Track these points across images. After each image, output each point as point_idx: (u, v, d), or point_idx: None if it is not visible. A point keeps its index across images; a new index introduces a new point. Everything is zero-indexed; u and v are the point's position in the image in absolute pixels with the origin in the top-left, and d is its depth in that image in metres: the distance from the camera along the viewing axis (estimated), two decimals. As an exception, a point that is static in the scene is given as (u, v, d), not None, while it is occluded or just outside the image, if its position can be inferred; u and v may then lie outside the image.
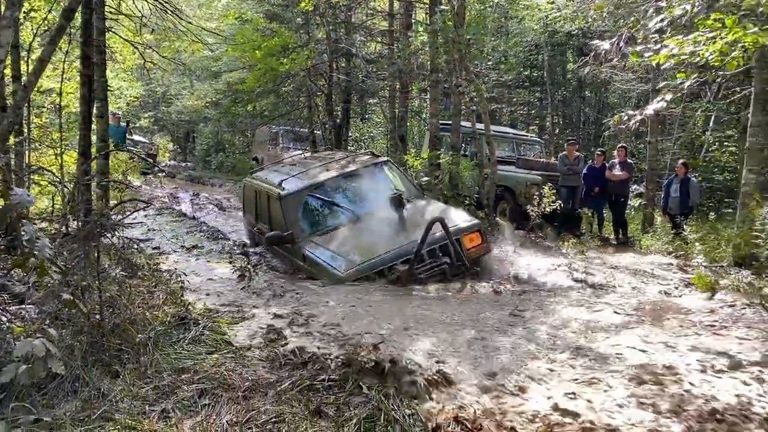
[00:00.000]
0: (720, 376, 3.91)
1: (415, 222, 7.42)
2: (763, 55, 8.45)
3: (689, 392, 3.63)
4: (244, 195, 9.95)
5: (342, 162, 8.68)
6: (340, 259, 6.88)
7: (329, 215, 7.86)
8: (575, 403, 3.47)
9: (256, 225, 9.00)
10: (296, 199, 7.76)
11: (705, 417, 3.32)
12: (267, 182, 8.52)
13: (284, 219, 7.62)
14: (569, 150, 12.09)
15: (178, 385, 3.63)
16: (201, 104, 20.44)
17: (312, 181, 8.03)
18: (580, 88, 22.24)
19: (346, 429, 3.13)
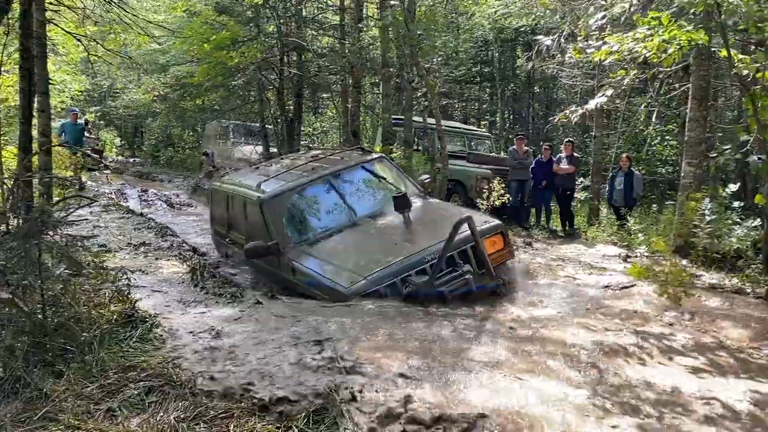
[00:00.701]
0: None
1: (425, 225, 6.48)
2: (700, 53, 8.79)
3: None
4: (212, 201, 8.81)
5: (329, 160, 7.69)
6: (340, 272, 5.78)
7: (320, 220, 6.80)
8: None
9: (227, 236, 7.95)
10: (279, 203, 6.71)
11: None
12: (242, 185, 7.51)
13: (266, 227, 6.55)
14: (518, 144, 12.33)
15: (125, 383, 3.59)
16: (148, 98, 19.99)
17: (297, 181, 6.95)
18: (529, 84, 22.66)
19: (294, 423, 3.16)
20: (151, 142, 29.71)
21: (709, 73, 9.66)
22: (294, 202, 6.87)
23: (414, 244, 5.99)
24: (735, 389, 3.87)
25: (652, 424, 3.33)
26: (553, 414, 3.29)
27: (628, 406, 3.53)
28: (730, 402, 3.66)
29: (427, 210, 6.93)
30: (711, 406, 3.60)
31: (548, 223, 12.31)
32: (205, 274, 6.47)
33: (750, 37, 5.83)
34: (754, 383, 4.02)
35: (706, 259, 8.14)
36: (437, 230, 6.03)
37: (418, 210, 6.74)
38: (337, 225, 6.65)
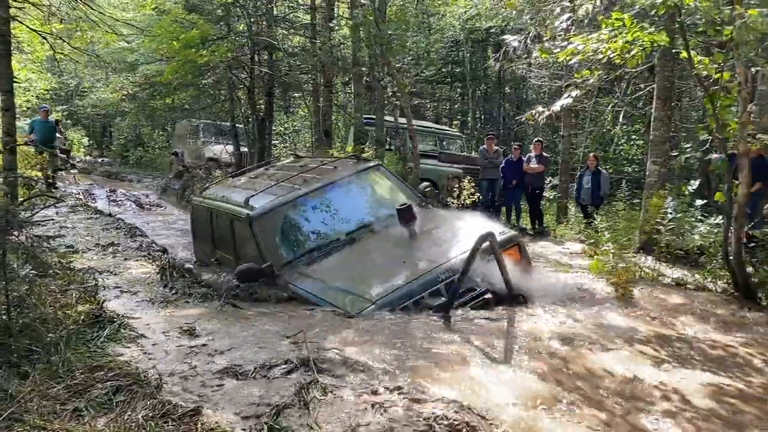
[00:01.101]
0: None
1: (433, 238, 5.90)
2: (664, 54, 9.01)
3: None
4: (194, 219, 8.19)
5: (321, 170, 7.06)
6: (345, 296, 5.21)
7: (317, 237, 6.24)
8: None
9: (214, 256, 7.36)
10: (271, 220, 6.17)
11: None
12: (227, 201, 6.91)
13: (258, 247, 6.03)
14: (489, 144, 12.47)
15: (92, 383, 3.56)
16: (117, 97, 19.71)
17: (289, 195, 6.40)
18: (500, 85, 22.88)
19: (264, 410, 3.18)
20: (120, 141, 29.31)
21: (673, 73, 9.90)
22: (287, 219, 6.30)
23: (424, 262, 5.44)
24: (693, 380, 4.00)
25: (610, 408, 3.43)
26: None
27: (588, 393, 3.63)
28: (688, 393, 3.78)
29: (433, 221, 6.33)
30: (669, 397, 3.72)
31: (518, 222, 12.47)
32: (175, 273, 6.41)
33: (711, 39, 5.99)
34: (711, 375, 4.16)
35: (670, 256, 8.34)
36: (448, 244, 5.61)
37: (422, 222, 6.16)
38: (334, 242, 6.14)
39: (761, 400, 3.95)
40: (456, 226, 6.16)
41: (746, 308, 5.72)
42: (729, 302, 6.01)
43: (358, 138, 12.76)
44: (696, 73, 5.85)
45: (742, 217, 5.89)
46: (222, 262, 7.05)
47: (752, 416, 3.68)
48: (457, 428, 3.11)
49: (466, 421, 3.15)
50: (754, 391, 4.08)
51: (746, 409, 3.77)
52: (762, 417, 3.68)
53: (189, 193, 15.86)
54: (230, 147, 17.17)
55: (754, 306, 5.77)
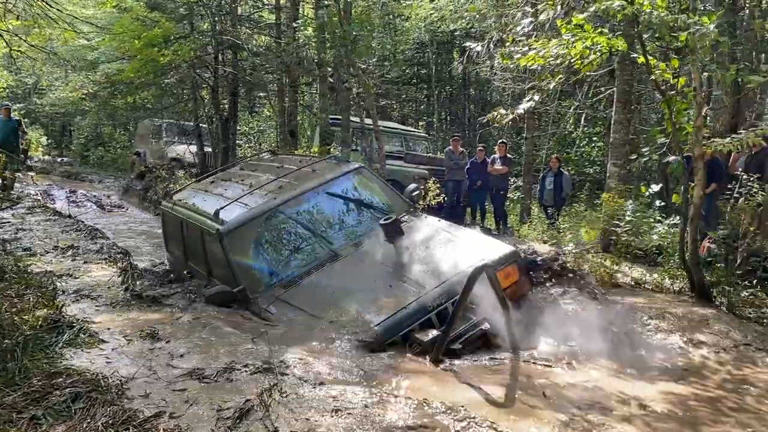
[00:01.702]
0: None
1: (424, 256, 5.30)
2: (624, 59, 9.21)
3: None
4: (165, 226, 7.59)
5: (297, 174, 6.30)
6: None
7: (295, 254, 5.64)
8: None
9: (186, 267, 6.80)
10: (243, 236, 5.57)
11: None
12: (196, 211, 6.26)
13: (229, 266, 5.46)
14: (454, 145, 12.58)
15: (50, 390, 3.49)
16: (77, 96, 19.25)
17: (263, 206, 5.75)
18: (465, 86, 23.08)
19: (226, 414, 3.17)
20: (80, 141, 28.63)
21: (632, 77, 10.14)
22: (261, 233, 5.68)
23: (414, 286, 4.92)
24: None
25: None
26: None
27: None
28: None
29: (424, 236, 5.64)
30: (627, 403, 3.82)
31: (482, 222, 12.60)
32: (136, 276, 6.31)
33: (667, 45, 6.16)
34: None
35: (629, 255, 8.54)
36: (440, 264, 5.12)
37: (413, 236, 5.57)
38: (315, 258, 5.56)
39: (715, 399, 4.09)
40: (449, 240, 5.53)
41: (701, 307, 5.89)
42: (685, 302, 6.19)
43: (324, 139, 12.73)
44: (653, 78, 6.00)
45: (698, 219, 6.07)
46: (194, 275, 6.54)
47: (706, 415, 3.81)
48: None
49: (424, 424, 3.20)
50: (708, 392, 4.23)
51: (700, 409, 3.90)
52: (715, 416, 3.81)
53: (152, 194, 15.61)
54: (194, 147, 16.95)
55: (709, 305, 5.93)
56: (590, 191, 14.64)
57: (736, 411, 3.94)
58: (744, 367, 4.75)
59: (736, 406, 4.02)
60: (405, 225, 5.64)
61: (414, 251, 5.38)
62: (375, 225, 5.72)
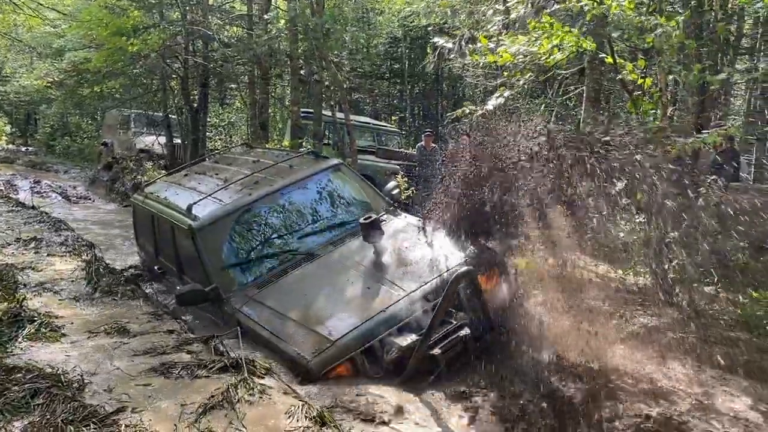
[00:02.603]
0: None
1: (403, 258, 5.10)
2: (593, 58, 9.32)
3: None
4: (136, 219, 7.34)
5: (274, 170, 6.12)
6: (301, 333, 4.48)
7: (270, 253, 5.43)
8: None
9: (157, 263, 6.60)
10: (216, 232, 5.33)
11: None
12: (168, 205, 6.06)
13: (202, 264, 5.24)
14: (426, 141, 12.59)
15: (8, 385, 3.43)
16: (42, 84, 18.77)
17: (237, 202, 5.55)
18: (437, 82, 23.12)
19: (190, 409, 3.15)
20: (45, 130, 27.95)
21: (601, 76, 10.26)
22: (235, 230, 5.44)
23: (392, 289, 4.72)
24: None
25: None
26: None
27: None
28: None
29: (403, 234, 5.44)
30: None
31: (453, 218, 12.66)
32: (101, 270, 6.21)
33: (635, 45, 6.25)
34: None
35: (595, 252, 8.66)
36: (421, 267, 4.91)
37: (391, 235, 5.34)
38: (291, 258, 5.36)
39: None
40: (429, 241, 5.24)
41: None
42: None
43: (296, 132, 12.65)
44: (621, 77, 6.09)
45: (662, 217, 6.17)
46: (165, 271, 6.36)
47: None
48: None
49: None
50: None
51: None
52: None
53: (119, 185, 15.36)
54: (163, 138, 16.70)
55: (671, 304, 6.05)
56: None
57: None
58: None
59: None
60: (384, 224, 5.35)
61: (393, 252, 5.15)
62: (353, 224, 5.54)
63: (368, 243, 5.11)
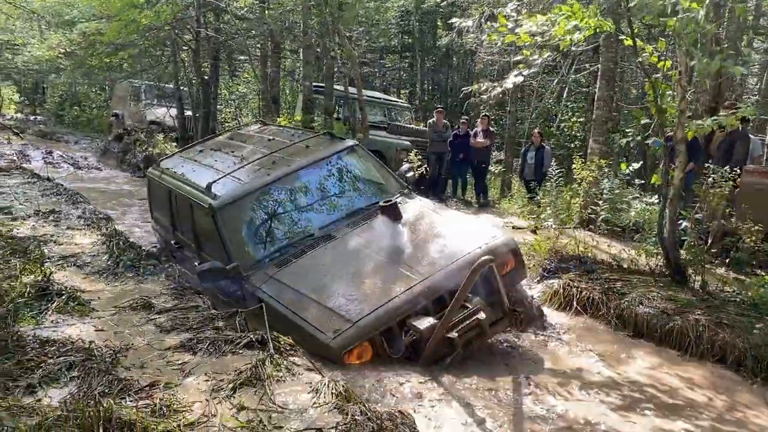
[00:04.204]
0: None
1: (421, 241, 5.18)
2: (609, 37, 9.27)
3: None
4: (151, 193, 7.42)
5: (291, 150, 6.18)
6: (322, 313, 4.55)
7: (289, 232, 5.51)
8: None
9: (174, 237, 6.70)
10: (237, 212, 5.43)
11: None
12: (187, 182, 6.10)
13: (222, 242, 5.30)
14: (438, 117, 12.58)
15: (44, 358, 3.54)
16: (53, 54, 18.73)
17: (256, 182, 5.61)
18: (448, 56, 22.96)
19: (223, 388, 3.25)
20: (54, 99, 27.96)
21: (617, 55, 10.21)
22: (255, 210, 5.55)
23: (411, 272, 4.78)
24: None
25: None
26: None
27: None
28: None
29: (421, 220, 5.53)
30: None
31: (464, 195, 12.71)
32: (122, 243, 6.31)
33: (654, 27, 6.22)
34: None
35: (607, 231, 8.73)
36: (440, 251, 5.02)
37: (409, 220, 5.44)
38: (310, 238, 5.41)
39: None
40: (446, 227, 5.41)
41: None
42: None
43: (307, 107, 12.65)
44: (639, 60, 6.08)
45: (677, 200, 6.22)
46: (182, 245, 6.45)
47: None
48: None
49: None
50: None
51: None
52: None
53: (130, 156, 15.42)
54: (174, 110, 16.72)
55: (684, 285, 6.11)
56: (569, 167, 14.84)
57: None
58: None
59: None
60: (401, 207, 5.46)
61: (411, 235, 5.23)
62: (371, 206, 5.63)
63: (386, 226, 5.23)
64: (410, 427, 3.14)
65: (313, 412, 3.06)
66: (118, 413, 2.76)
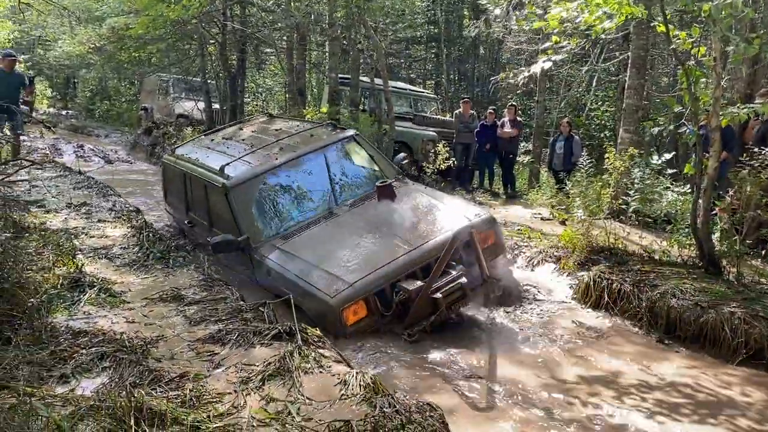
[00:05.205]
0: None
1: (412, 218, 5.85)
2: (640, 23, 9.07)
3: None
4: (166, 178, 8.00)
5: (297, 137, 6.83)
6: (322, 275, 5.14)
7: (294, 210, 6.11)
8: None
9: (187, 217, 7.24)
10: (247, 191, 6.01)
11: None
12: (201, 165, 6.68)
13: (233, 218, 5.88)
14: (464, 108, 12.47)
15: (76, 349, 3.60)
16: (84, 49, 19.04)
17: (266, 165, 6.21)
18: (474, 46, 22.74)
19: (252, 379, 3.26)
20: (85, 94, 28.44)
21: (648, 42, 9.98)
22: (263, 190, 6.15)
23: (403, 242, 5.43)
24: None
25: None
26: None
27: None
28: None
29: (413, 200, 6.21)
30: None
31: (491, 186, 12.60)
32: (152, 236, 6.38)
33: (687, 13, 6.07)
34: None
35: (638, 222, 8.57)
36: (428, 226, 5.68)
37: (402, 200, 6.11)
38: (312, 215, 6.03)
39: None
40: (434, 205, 6.13)
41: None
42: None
43: (333, 98, 12.65)
44: (672, 47, 5.93)
45: (711, 189, 6.07)
46: (195, 224, 7.00)
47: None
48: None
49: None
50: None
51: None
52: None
53: (159, 149, 15.62)
54: (202, 104, 16.86)
55: (718, 277, 5.97)
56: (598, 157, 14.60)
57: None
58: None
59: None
60: (395, 189, 6.14)
61: (403, 212, 5.88)
62: (368, 187, 6.31)
63: (381, 204, 5.94)
64: (439, 419, 3.12)
65: (341, 404, 3.06)
66: (149, 404, 2.78)
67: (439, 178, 11.12)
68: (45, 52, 26.66)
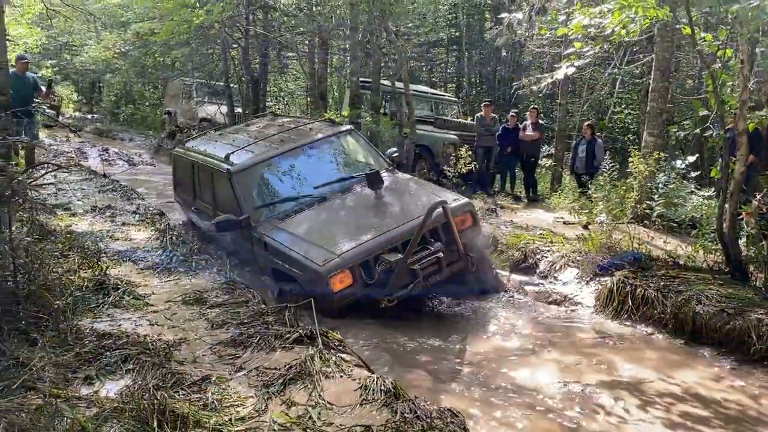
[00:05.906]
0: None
1: (397, 202, 6.44)
2: (665, 25, 8.96)
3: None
4: (176, 169, 8.55)
5: (297, 131, 7.43)
6: (314, 249, 5.65)
7: (290, 195, 6.60)
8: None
9: (194, 204, 7.81)
10: (249, 176, 6.59)
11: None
12: (209, 155, 7.26)
13: (236, 199, 6.41)
14: (486, 111, 12.42)
15: (101, 351, 3.64)
16: (110, 54, 19.31)
17: (266, 154, 6.80)
18: (496, 49, 22.60)
19: (273, 383, 3.27)
20: (110, 98, 28.82)
21: (672, 44, 9.85)
22: (264, 175, 6.73)
23: (386, 223, 5.96)
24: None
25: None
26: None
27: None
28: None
29: (398, 187, 6.80)
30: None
31: (512, 189, 12.52)
32: (175, 239, 6.45)
33: (713, 15, 5.98)
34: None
35: (663, 227, 8.46)
36: (409, 208, 6.20)
37: (389, 186, 6.60)
38: (307, 199, 6.51)
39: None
40: (417, 192, 6.71)
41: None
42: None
43: (354, 102, 12.67)
44: (698, 49, 5.85)
45: (738, 193, 5.97)
46: (201, 210, 7.56)
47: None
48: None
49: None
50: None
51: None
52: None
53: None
54: (224, 107, 17.00)
55: (745, 283, 5.86)
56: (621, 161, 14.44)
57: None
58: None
59: None
60: (384, 177, 6.58)
61: (389, 197, 6.46)
62: (359, 177, 6.73)
63: (370, 190, 6.38)
64: (460, 425, 3.10)
65: (362, 409, 3.06)
66: (172, 406, 2.81)
67: (461, 182, 11.07)
68: (72, 57, 27.08)
